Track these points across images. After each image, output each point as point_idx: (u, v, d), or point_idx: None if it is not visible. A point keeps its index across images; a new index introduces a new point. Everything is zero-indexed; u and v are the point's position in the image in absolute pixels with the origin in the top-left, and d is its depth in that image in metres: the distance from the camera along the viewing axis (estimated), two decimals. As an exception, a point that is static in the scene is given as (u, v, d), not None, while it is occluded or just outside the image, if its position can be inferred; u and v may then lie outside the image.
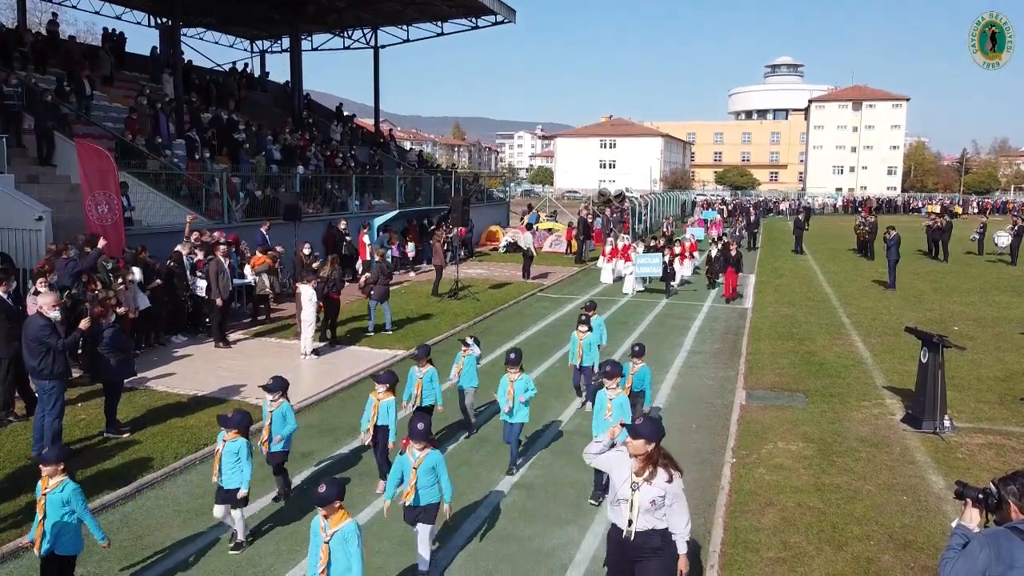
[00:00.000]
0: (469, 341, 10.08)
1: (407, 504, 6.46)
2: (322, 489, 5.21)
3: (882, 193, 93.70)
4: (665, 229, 35.14)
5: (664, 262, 22.40)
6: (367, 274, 16.37)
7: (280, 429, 7.80)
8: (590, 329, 11.28)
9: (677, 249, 24.61)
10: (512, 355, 9.03)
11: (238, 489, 6.86)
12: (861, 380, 12.90)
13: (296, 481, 8.71)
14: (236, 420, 6.98)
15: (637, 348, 9.80)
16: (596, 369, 11.48)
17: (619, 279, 24.03)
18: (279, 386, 7.87)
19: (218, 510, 7.01)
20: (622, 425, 5.34)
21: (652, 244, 25.75)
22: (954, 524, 4.10)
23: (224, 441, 6.95)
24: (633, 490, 5.01)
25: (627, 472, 5.06)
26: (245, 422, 7.04)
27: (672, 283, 22.93)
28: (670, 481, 5.02)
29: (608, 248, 25.46)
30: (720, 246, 24.04)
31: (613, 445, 5.39)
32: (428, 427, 6.47)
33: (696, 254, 27.92)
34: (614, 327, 17.54)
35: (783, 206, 70.50)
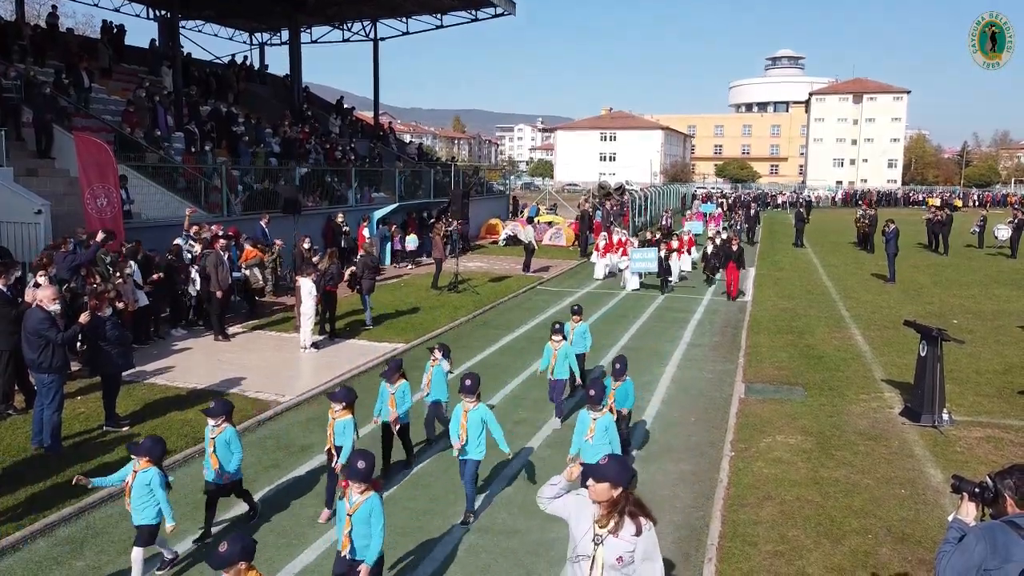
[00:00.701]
0: (437, 354, 9.33)
1: (341, 555, 5.52)
2: (223, 548, 4.25)
3: (883, 186, 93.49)
4: (664, 222, 34.95)
5: (660, 257, 21.68)
6: (352, 268, 16.22)
7: (226, 457, 7.05)
8: (564, 338, 10.52)
9: (675, 244, 23.89)
10: (467, 381, 7.53)
11: (149, 525, 6.27)
12: (860, 373, 12.91)
13: (296, 472, 8.74)
14: (146, 447, 6.26)
15: (618, 366, 8.85)
16: (576, 382, 11.03)
17: (612, 275, 23.43)
18: (222, 410, 7.11)
19: (136, 553, 6.30)
20: (582, 465, 4.38)
21: (648, 239, 24.94)
22: (951, 518, 4.11)
23: (135, 472, 6.24)
24: (596, 544, 4.10)
25: (589, 522, 4.16)
26: (157, 451, 6.31)
27: (669, 279, 22.23)
28: (638, 534, 4.07)
29: (602, 243, 24.57)
30: (719, 242, 23.31)
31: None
32: (371, 466, 5.41)
33: (693, 249, 27.01)
34: (613, 320, 17.58)
35: (780, 199, 69.99)
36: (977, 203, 69.34)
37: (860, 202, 65.92)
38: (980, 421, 10.44)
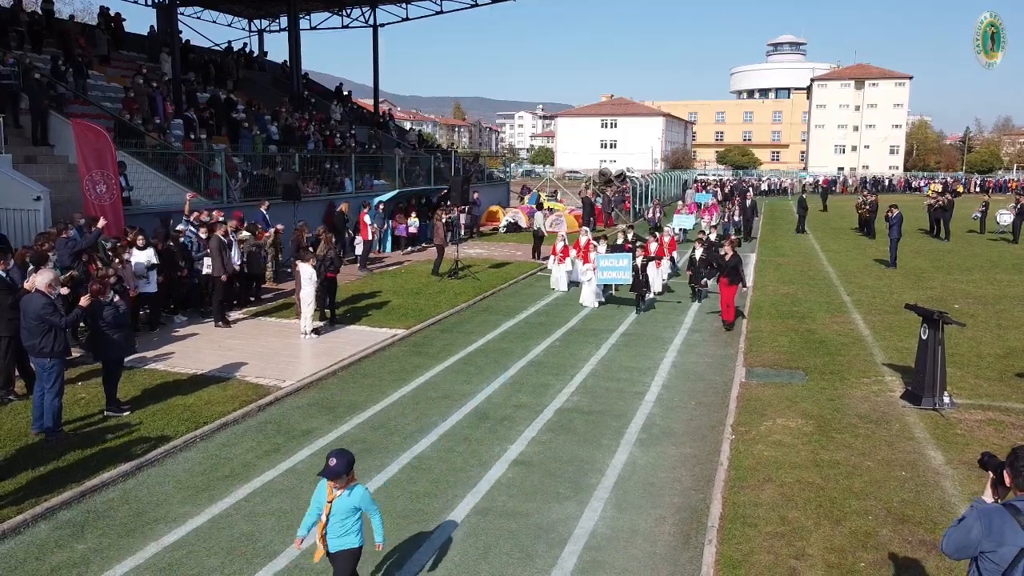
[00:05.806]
0: None
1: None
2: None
3: (884, 172, 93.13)
4: (650, 215, 30.48)
5: (635, 266, 16.58)
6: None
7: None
8: (343, 481, 5.28)
9: (653, 247, 18.68)
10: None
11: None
12: (861, 357, 12.89)
13: (297, 457, 8.74)
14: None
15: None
16: None
17: (575, 284, 18.91)
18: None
19: None
20: None
21: (619, 243, 19.38)
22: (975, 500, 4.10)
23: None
24: None
25: None
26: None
27: (648, 293, 17.55)
28: None
29: (559, 245, 19.31)
30: (705, 245, 18.75)
31: None
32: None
33: (675, 253, 21.73)
34: (613, 306, 17.53)
35: (763, 186, 68.70)
36: (979, 189, 69.05)
37: (838, 190, 65.23)
38: (981, 404, 10.43)
